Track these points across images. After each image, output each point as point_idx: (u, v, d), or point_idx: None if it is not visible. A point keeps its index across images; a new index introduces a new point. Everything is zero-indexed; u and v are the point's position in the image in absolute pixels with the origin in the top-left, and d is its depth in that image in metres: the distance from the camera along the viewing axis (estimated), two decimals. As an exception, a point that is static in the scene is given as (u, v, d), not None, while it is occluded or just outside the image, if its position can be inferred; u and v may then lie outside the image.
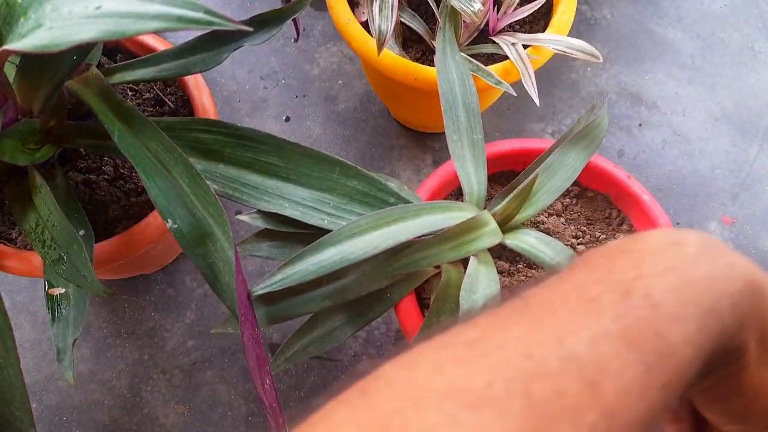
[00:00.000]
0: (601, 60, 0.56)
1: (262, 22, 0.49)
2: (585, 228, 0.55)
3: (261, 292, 0.43)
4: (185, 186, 0.43)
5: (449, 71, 0.51)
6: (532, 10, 0.60)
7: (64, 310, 0.48)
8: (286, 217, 0.46)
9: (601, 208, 0.56)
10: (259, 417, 0.65)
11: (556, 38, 0.57)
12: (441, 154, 0.76)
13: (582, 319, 0.22)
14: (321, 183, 0.46)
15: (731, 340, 0.24)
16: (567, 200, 0.56)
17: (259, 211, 0.47)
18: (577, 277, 0.24)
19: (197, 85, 0.60)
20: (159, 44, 0.61)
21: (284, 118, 0.78)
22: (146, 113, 0.61)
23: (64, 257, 0.45)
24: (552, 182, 0.48)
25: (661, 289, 0.23)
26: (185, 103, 0.62)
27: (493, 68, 0.57)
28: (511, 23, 0.61)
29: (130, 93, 0.63)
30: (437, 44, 0.53)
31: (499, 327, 0.22)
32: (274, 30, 0.49)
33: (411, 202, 0.46)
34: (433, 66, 0.54)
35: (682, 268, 0.24)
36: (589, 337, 0.21)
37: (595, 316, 0.22)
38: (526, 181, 0.45)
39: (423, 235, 0.43)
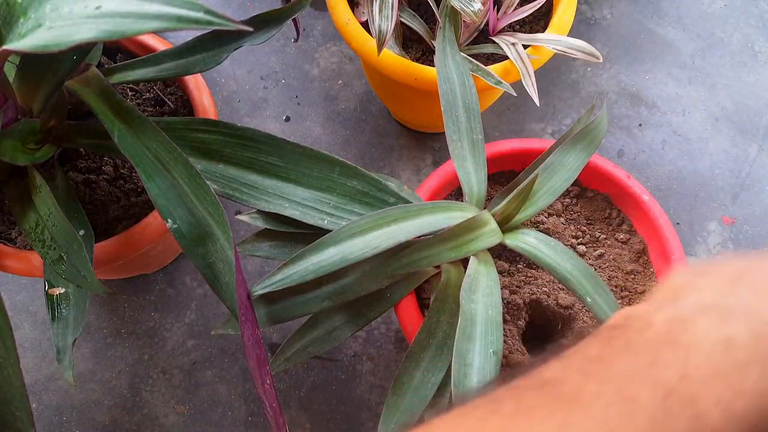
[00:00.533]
0: (601, 60, 0.56)
1: (262, 22, 0.49)
2: (585, 228, 0.55)
3: (261, 292, 0.43)
4: (185, 186, 0.43)
5: (449, 71, 0.51)
6: (532, 10, 0.60)
7: (64, 310, 0.48)
8: (286, 217, 0.46)
9: (601, 208, 0.56)
10: (259, 417, 0.65)
11: (556, 38, 0.57)
12: (441, 154, 0.76)
13: (618, 419, 0.20)
14: (321, 183, 0.46)
15: None
16: (567, 200, 0.56)
17: (259, 211, 0.47)
18: (616, 365, 0.22)
19: (197, 85, 0.60)
20: (159, 44, 0.61)
21: (284, 118, 0.78)
22: (146, 113, 0.61)
23: (64, 257, 0.45)
24: (552, 182, 0.48)
25: (707, 398, 0.21)
26: (185, 103, 0.62)
27: (493, 68, 0.57)
28: (511, 23, 0.61)
29: (130, 93, 0.63)
30: (437, 44, 0.53)
31: (525, 419, 0.20)
32: (274, 30, 0.49)
33: (411, 202, 0.46)
34: (433, 66, 0.54)
35: (732, 377, 0.22)
36: None
37: (631, 420, 0.20)
38: (526, 181, 0.45)
39: (423, 235, 0.43)
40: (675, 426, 0.20)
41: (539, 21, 0.64)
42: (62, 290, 0.48)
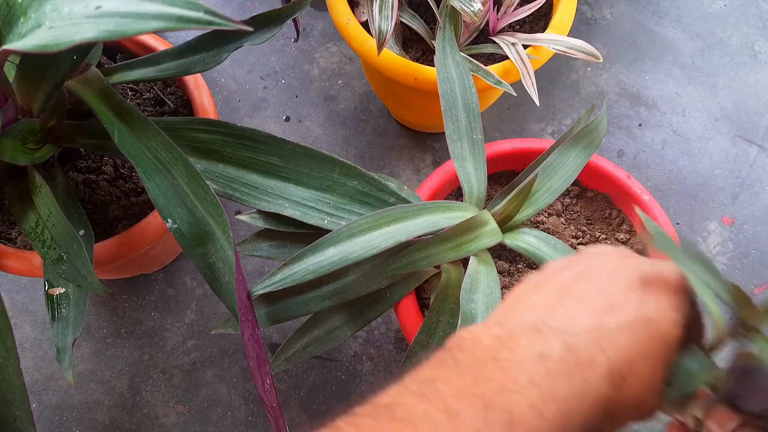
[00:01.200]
0: (601, 60, 0.56)
1: (262, 22, 0.49)
2: (585, 228, 0.55)
3: (261, 292, 0.43)
4: (185, 186, 0.43)
5: (449, 71, 0.51)
6: (532, 10, 0.60)
7: (64, 310, 0.48)
8: (286, 217, 0.46)
9: (601, 208, 0.56)
10: (259, 417, 0.65)
11: (556, 38, 0.57)
12: (441, 154, 0.76)
13: None
14: (321, 183, 0.46)
15: None
16: (567, 200, 0.56)
17: (259, 211, 0.47)
18: (444, 384, 0.25)
19: (197, 84, 0.60)
20: (159, 44, 0.61)
21: (284, 118, 0.78)
22: (146, 113, 0.61)
23: (64, 257, 0.45)
24: (552, 182, 0.48)
25: (522, 405, 0.24)
26: (185, 103, 0.62)
27: (493, 68, 0.57)
28: (511, 23, 0.61)
29: (130, 93, 0.63)
30: (437, 44, 0.53)
31: None
32: (274, 30, 0.49)
33: (411, 202, 0.46)
34: (433, 66, 0.54)
35: (544, 384, 0.25)
36: None
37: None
38: (525, 181, 0.45)
39: (423, 235, 0.43)
40: (492, 429, 0.23)
41: (539, 21, 0.64)
42: (62, 290, 0.48)
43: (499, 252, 0.53)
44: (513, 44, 0.57)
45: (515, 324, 0.28)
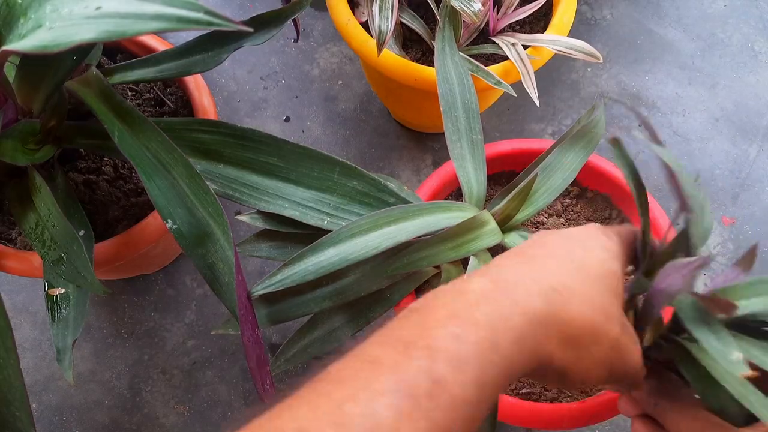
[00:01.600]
0: (601, 60, 0.56)
1: (262, 23, 0.49)
2: (585, 228, 0.55)
3: (261, 292, 0.42)
4: (185, 186, 0.43)
5: (448, 71, 0.51)
6: (532, 11, 0.60)
7: (63, 311, 0.48)
8: (286, 217, 0.46)
9: (601, 208, 0.56)
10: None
11: (556, 38, 0.57)
12: (441, 155, 0.76)
13: (362, 381, 0.23)
14: (321, 183, 0.46)
15: (530, 362, 0.27)
16: (567, 200, 0.56)
17: (259, 212, 0.47)
18: (372, 339, 0.26)
19: (197, 85, 0.60)
20: (159, 44, 0.61)
21: (284, 118, 0.78)
22: (146, 113, 0.61)
23: (64, 257, 0.45)
24: (551, 181, 0.48)
25: (442, 336, 0.25)
26: (185, 103, 0.62)
27: (493, 68, 0.57)
28: (511, 23, 0.61)
29: (130, 93, 0.63)
30: (436, 44, 0.53)
31: (287, 407, 0.23)
32: (274, 30, 0.49)
33: (411, 202, 0.46)
34: (433, 66, 0.54)
35: (464, 314, 0.26)
36: (367, 399, 0.22)
37: (374, 376, 0.23)
38: (525, 181, 0.45)
39: (423, 235, 0.43)
40: (415, 368, 0.24)
41: (539, 21, 0.64)
42: (62, 290, 0.48)
43: (499, 252, 0.52)
44: (513, 45, 0.57)
45: (471, 275, 0.30)
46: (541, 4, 0.60)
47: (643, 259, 0.37)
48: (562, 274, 0.30)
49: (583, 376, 0.30)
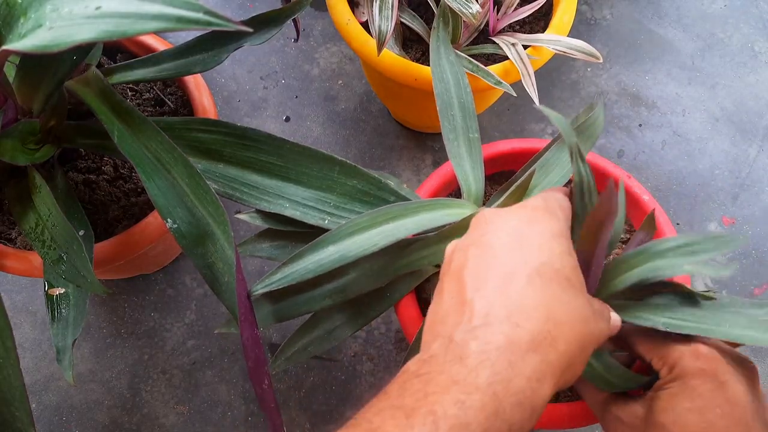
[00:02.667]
0: (601, 60, 0.56)
1: (262, 22, 0.49)
2: (585, 228, 0.55)
3: (261, 291, 0.42)
4: (185, 186, 0.43)
5: (443, 71, 0.51)
6: (532, 11, 0.60)
7: (63, 310, 0.48)
8: (286, 216, 0.46)
9: (600, 208, 0.56)
10: (259, 417, 0.65)
11: (556, 38, 0.57)
12: (441, 155, 0.76)
13: None
14: (321, 182, 0.46)
15: (531, 415, 0.27)
16: (567, 200, 0.56)
17: (259, 211, 0.47)
18: (370, 407, 0.27)
19: (197, 85, 0.60)
20: (159, 44, 0.61)
21: (284, 118, 0.78)
22: (146, 113, 0.61)
23: (64, 257, 0.45)
24: (549, 179, 0.48)
25: (444, 403, 0.25)
26: (185, 103, 0.62)
27: (493, 68, 0.57)
28: (511, 23, 0.61)
29: (130, 93, 0.63)
30: (431, 44, 0.53)
31: None
32: (274, 30, 0.49)
33: (410, 200, 0.46)
34: (433, 66, 0.54)
35: (465, 380, 0.26)
36: None
37: None
38: (522, 178, 0.45)
39: (422, 232, 0.43)
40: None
41: (539, 21, 0.65)
42: (62, 290, 0.48)
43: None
44: (513, 44, 0.57)
45: (435, 344, 0.29)
46: (541, 4, 0.60)
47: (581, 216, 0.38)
48: (539, 303, 0.29)
49: (578, 374, 0.30)
